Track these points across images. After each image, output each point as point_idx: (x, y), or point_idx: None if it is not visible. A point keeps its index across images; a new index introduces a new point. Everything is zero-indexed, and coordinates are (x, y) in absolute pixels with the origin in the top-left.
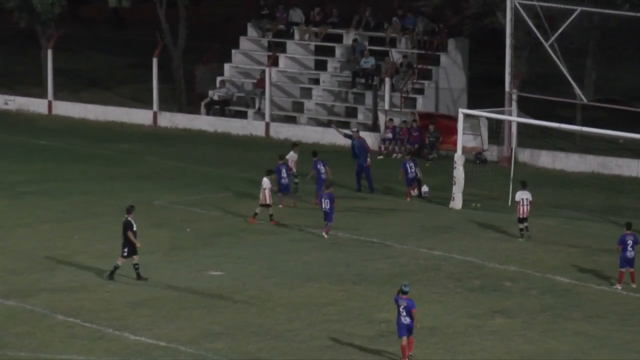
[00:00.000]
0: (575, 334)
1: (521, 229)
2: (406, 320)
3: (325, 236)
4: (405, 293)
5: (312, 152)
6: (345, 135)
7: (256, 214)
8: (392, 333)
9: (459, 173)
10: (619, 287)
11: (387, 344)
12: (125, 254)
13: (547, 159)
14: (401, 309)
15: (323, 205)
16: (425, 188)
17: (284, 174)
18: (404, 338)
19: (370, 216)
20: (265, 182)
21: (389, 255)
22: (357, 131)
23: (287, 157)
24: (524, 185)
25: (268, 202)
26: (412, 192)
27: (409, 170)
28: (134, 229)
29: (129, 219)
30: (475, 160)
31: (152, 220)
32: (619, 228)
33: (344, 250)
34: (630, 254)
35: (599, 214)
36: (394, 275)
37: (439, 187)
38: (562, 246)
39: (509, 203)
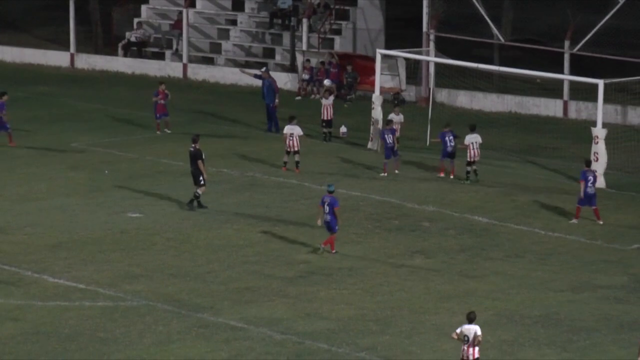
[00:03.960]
0: (494, 274)
1: (468, 172)
2: (327, 217)
3: (397, 172)
4: (330, 192)
5: None
6: (255, 76)
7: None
8: (311, 274)
9: (377, 114)
10: (575, 222)
11: (306, 284)
12: (203, 182)
13: (465, 99)
14: (325, 206)
15: (387, 141)
16: (343, 128)
17: None
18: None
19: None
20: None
21: (308, 196)
22: (267, 71)
23: (389, 118)
24: (472, 129)
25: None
26: (450, 169)
27: (448, 144)
28: (204, 157)
29: (198, 147)
30: (393, 100)
31: (70, 163)
32: (538, 168)
33: (262, 191)
34: (590, 189)
35: (517, 154)
36: (312, 216)
37: (356, 127)
38: (480, 186)
39: (427, 143)
